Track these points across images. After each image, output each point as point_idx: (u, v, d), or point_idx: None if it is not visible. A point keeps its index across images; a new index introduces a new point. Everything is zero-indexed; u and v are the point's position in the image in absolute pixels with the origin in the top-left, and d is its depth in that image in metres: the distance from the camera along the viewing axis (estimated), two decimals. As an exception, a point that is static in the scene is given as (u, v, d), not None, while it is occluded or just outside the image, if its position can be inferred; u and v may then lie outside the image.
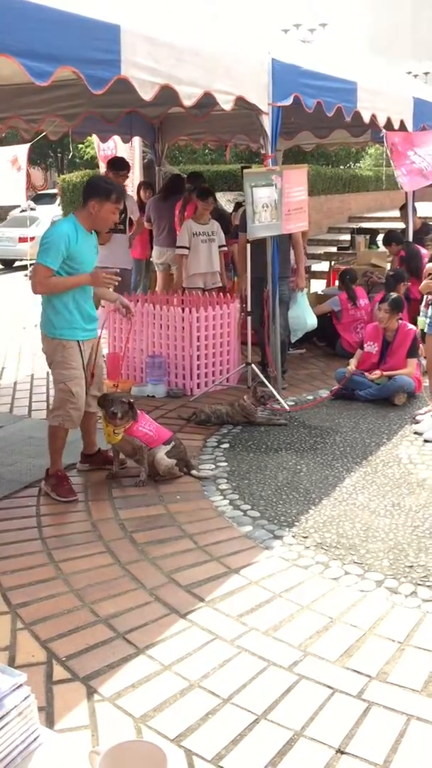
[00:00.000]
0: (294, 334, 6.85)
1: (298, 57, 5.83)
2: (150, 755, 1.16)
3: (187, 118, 7.63)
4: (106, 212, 4.20)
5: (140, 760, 1.16)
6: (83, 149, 18.42)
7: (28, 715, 1.38)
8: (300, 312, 6.67)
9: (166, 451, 4.42)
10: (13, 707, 1.36)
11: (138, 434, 4.38)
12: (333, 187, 19.81)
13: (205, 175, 12.57)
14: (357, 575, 3.37)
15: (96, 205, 4.16)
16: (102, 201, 4.15)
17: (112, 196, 4.16)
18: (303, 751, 2.30)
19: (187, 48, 4.54)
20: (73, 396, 4.19)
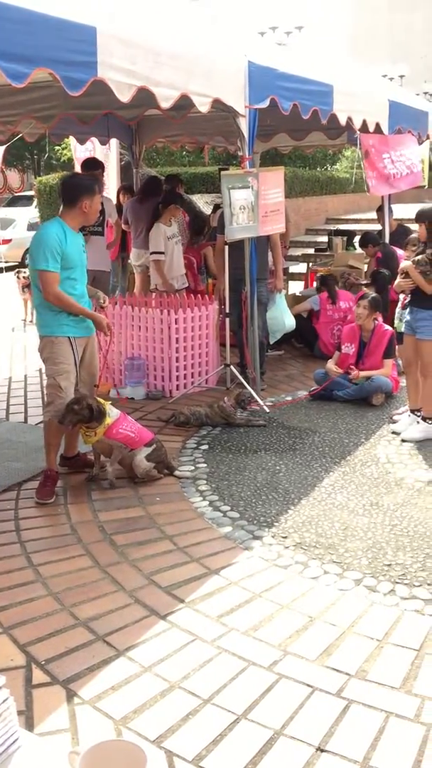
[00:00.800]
0: (272, 335, 6.88)
1: (274, 59, 5.86)
2: (130, 755, 1.17)
3: (165, 120, 7.63)
4: (96, 205, 4.31)
5: (120, 760, 1.17)
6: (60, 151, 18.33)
7: (7, 718, 1.38)
8: (278, 313, 6.70)
9: (146, 454, 4.41)
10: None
11: (118, 437, 4.36)
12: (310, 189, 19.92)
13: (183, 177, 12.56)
14: (336, 574, 3.39)
15: (87, 202, 4.23)
16: (91, 196, 4.25)
17: (95, 187, 4.32)
18: (283, 750, 2.31)
19: (164, 50, 4.55)
20: (62, 390, 4.22)
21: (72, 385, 4.28)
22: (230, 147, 9.30)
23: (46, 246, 4.08)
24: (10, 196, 22.33)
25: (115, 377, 6.55)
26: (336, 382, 6.04)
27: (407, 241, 5.94)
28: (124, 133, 8.60)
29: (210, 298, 6.75)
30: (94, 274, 6.87)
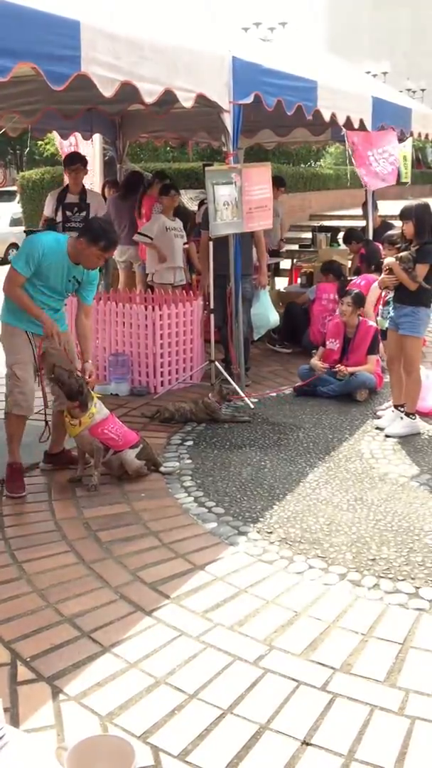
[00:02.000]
0: (256, 331, 6.89)
1: (258, 55, 5.86)
2: (117, 750, 1.17)
3: (148, 116, 7.61)
4: (90, 254, 4.22)
5: (107, 755, 1.17)
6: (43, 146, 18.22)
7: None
8: (263, 309, 6.71)
9: (136, 453, 4.40)
10: (-22, 707, 1.35)
11: (102, 437, 4.33)
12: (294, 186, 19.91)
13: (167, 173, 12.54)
14: (321, 569, 3.41)
15: (83, 243, 4.19)
16: (89, 243, 4.18)
17: (100, 243, 4.18)
18: (269, 744, 2.32)
19: (147, 44, 4.53)
20: (18, 380, 4.23)
21: (30, 377, 4.28)
22: (214, 143, 9.30)
23: (28, 250, 4.12)
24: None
25: (99, 373, 6.52)
26: (320, 378, 6.06)
27: (384, 239, 5.96)
28: (108, 128, 8.56)
29: (194, 294, 6.75)
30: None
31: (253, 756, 2.27)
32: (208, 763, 2.24)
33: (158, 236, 7.02)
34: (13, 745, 1.40)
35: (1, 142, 25.11)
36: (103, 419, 4.36)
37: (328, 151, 24.07)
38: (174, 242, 7.07)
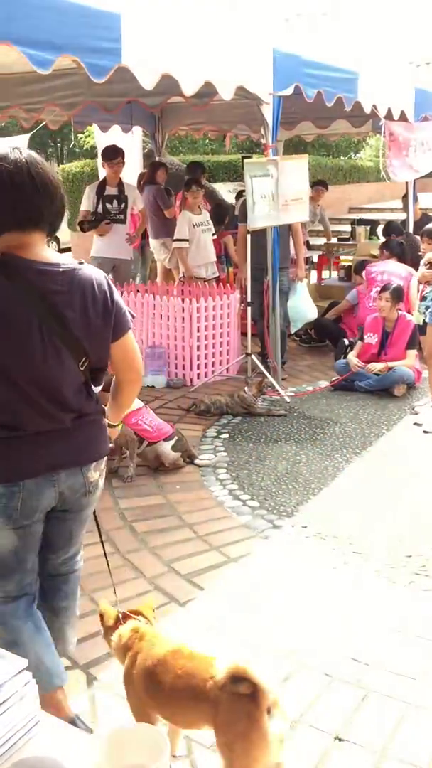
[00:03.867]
0: (293, 324, 6.85)
1: (299, 46, 5.80)
2: (150, 740, 1.18)
3: (188, 108, 7.61)
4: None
5: (141, 744, 1.18)
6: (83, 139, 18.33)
7: (29, 701, 1.40)
8: (300, 303, 6.66)
9: (171, 445, 4.42)
10: (14, 692, 1.37)
11: (135, 427, 4.36)
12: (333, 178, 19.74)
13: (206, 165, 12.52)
14: (355, 564, 3.39)
15: None
16: None
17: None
18: (302, 738, 2.32)
19: (188, 36, 4.52)
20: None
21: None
22: (253, 135, 9.25)
23: None
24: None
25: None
26: (358, 373, 6.01)
27: (424, 232, 5.86)
28: (147, 120, 8.58)
29: (231, 287, 6.74)
30: (115, 262, 6.89)
31: (286, 749, 2.27)
32: (240, 755, 2.24)
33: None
34: (47, 730, 1.42)
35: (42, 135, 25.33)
36: (135, 409, 4.38)
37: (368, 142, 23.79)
38: (202, 237, 7.03)
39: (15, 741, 1.36)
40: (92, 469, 2.25)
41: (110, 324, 2.16)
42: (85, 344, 2.10)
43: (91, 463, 2.24)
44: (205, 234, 7.04)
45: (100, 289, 2.13)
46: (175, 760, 2.19)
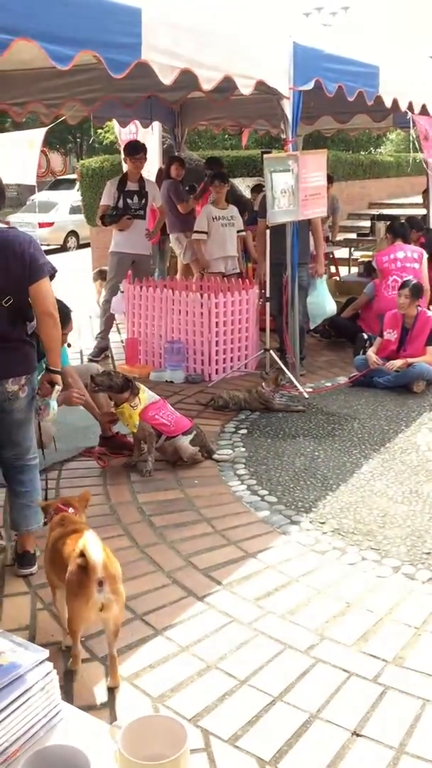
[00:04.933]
0: (313, 320, 6.83)
1: (319, 40, 5.78)
2: (170, 730, 1.19)
3: (207, 103, 7.61)
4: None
5: (160, 735, 1.19)
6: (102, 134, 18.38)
7: (50, 691, 1.41)
8: (319, 298, 6.62)
9: (190, 440, 4.44)
10: (36, 682, 1.39)
11: (152, 421, 4.38)
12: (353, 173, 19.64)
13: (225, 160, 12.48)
14: (374, 561, 3.38)
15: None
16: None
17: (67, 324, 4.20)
18: (319, 733, 2.32)
19: (207, 31, 4.52)
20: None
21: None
22: (273, 130, 9.23)
23: None
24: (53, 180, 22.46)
25: (155, 360, 6.58)
26: (377, 369, 5.98)
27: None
28: (167, 116, 8.59)
29: (250, 283, 6.73)
30: (134, 258, 6.91)
31: (303, 744, 2.28)
32: (258, 749, 2.25)
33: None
34: (68, 721, 1.44)
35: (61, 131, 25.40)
36: (151, 403, 4.40)
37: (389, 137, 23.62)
38: (221, 231, 7.02)
39: (36, 730, 1.38)
40: (10, 382, 3.11)
41: (26, 272, 3.01)
42: (7, 287, 3.00)
43: (9, 378, 3.10)
44: (225, 228, 7.03)
45: (20, 246, 3.01)
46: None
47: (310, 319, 6.77)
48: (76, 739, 1.34)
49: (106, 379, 4.36)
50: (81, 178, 14.59)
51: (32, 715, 1.35)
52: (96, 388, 4.38)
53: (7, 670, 1.37)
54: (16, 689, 1.35)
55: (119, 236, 6.85)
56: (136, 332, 6.77)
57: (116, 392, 4.36)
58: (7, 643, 1.45)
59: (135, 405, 4.35)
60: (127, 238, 6.81)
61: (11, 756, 1.33)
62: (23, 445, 3.29)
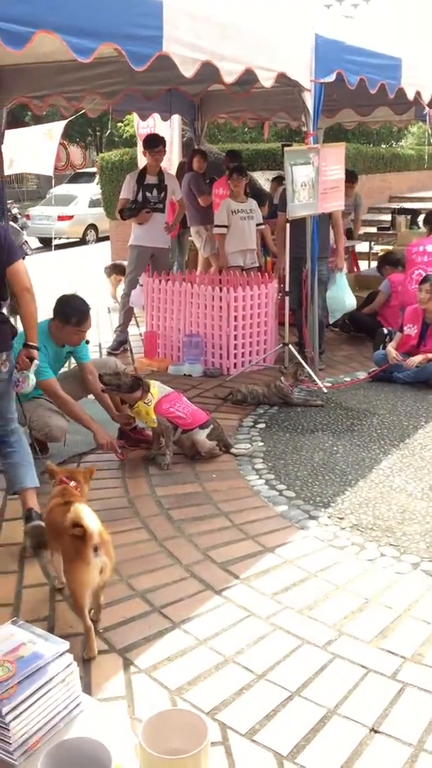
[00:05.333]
0: (332, 314, 6.79)
1: (341, 32, 5.73)
2: (190, 725, 1.19)
3: (228, 96, 7.57)
4: (68, 332, 4.31)
5: (181, 729, 1.19)
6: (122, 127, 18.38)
7: (71, 682, 1.42)
8: (339, 292, 6.59)
9: (207, 434, 4.43)
10: (56, 674, 1.39)
11: (168, 414, 4.37)
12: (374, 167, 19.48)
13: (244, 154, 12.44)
14: (393, 557, 3.36)
15: (58, 325, 4.29)
16: (63, 323, 4.28)
17: (72, 319, 4.27)
18: (337, 729, 2.32)
19: (229, 24, 4.50)
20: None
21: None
22: (293, 122, 9.18)
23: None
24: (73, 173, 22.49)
25: (174, 354, 6.59)
26: (396, 364, 5.94)
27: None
28: (187, 108, 8.57)
29: (269, 277, 6.71)
30: (153, 251, 6.91)
31: (320, 739, 2.27)
32: (275, 743, 2.25)
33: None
34: (88, 712, 1.44)
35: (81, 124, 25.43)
36: (164, 395, 4.39)
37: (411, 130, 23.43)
38: (240, 225, 6.99)
39: (57, 722, 1.38)
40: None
41: (4, 255, 3.32)
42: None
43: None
44: (244, 221, 7.00)
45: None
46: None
47: (330, 314, 6.74)
48: (96, 731, 1.34)
49: (114, 378, 4.34)
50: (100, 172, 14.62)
51: (53, 707, 1.36)
52: (105, 389, 4.38)
53: (28, 662, 1.38)
54: (37, 680, 1.35)
55: (138, 230, 6.85)
56: (154, 326, 6.77)
57: (126, 392, 4.34)
58: (28, 634, 1.46)
59: (149, 401, 4.33)
60: (146, 231, 6.81)
61: (32, 747, 1.34)
62: (6, 416, 3.55)
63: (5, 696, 1.32)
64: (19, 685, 1.34)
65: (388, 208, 13.26)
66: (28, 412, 4.30)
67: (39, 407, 4.32)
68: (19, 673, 1.35)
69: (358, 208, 8.97)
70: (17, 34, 3.30)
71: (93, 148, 30.37)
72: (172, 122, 9.31)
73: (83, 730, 1.36)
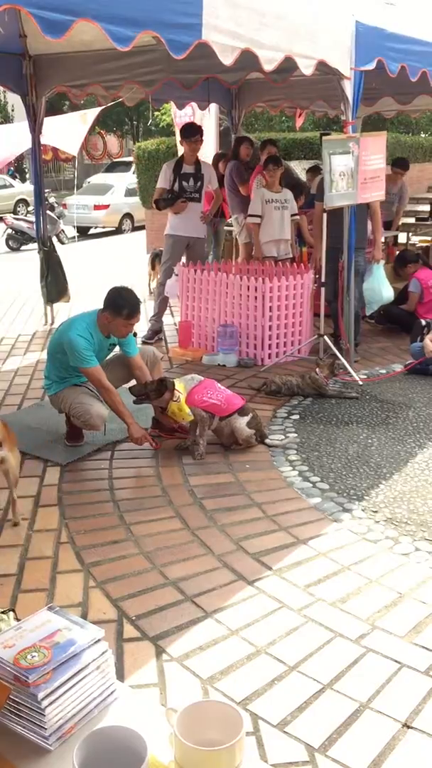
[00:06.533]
0: (368, 306, 6.73)
1: (382, 19, 5.64)
2: (226, 716, 1.18)
3: (265, 84, 7.53)
4: (117, 325, 4.28)
5: (216, 721, 1.19)
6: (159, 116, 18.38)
7: (105, 669, 1.43)
8: (375, 284, 6.51)
9: (247, 422, 4.42)
10: (92, 661, 1.40)
11: (201, 404, 4.36)
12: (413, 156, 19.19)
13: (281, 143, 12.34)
14: (428, 552, 3.33)
15: (108, 317, 4.27)
16: (114, 315, 4.25)
17: (123, 312, 4.23)
18: (369, 723, 2.30)
19: (269, 11, 4.45)
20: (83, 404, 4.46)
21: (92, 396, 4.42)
22: (331, 111, 9.09)
23: (78, 346, 4.17)
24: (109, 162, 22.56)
25: (208, 344, 6.59)
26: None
27: None
28: (224, 97, 8.53)
29: (305, 267, 6.66)
30: (189, 241, 6.90)
31: (352, 733, 2.26)
32: (307, 735, 2.25)
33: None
34: (122, 700, 1.45)
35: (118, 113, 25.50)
36: (194, 386, 4.38)
37: (451, 119, 22.99)
38: (274, 215, 6.94)
39: (91, 708, 1.39)
40: None
41: None
42: None
43: None
44: (278, 211, 6.94)
45: None
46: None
47: (366, 305, 6.67)
48: (130, 720, 1.35)
49: (142, 389, 4.36)
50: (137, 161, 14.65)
51: (87, 693, 1.37)
52: (137, 401, 4.38)
53: (64, 648, 1.39)
54: (72, 667, 1.36)
55: (174, 219, 6.85)
56: (189, 315, 6.77)
57: (157, 398, 4.35)
58: (64, 621, 1.47)
59: (177, 398, 4.32)
60: (182, 221, 6.80)
61: (67, 733, 1.35)
62: None
63: (41, 681, 1.33)
64: (55, 671, 1.35)
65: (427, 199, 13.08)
66: (67, 399, 4.35)
67: (81, 394, 4.36)
68: (55, 659, 1.36)
69: (403, 198, 8.86)
70: (57, 23, 3.31)
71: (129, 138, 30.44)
72: (209, 111, 9.27)
73: (118, 718, 1.37)
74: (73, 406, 4.32)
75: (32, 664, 1.36)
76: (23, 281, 10.31)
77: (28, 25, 6.09)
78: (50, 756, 1.32)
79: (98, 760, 1.19)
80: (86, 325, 4.27)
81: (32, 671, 1.34)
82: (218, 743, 1.13)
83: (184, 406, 4.30)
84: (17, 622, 1.52)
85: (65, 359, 4.29)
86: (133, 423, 4.32)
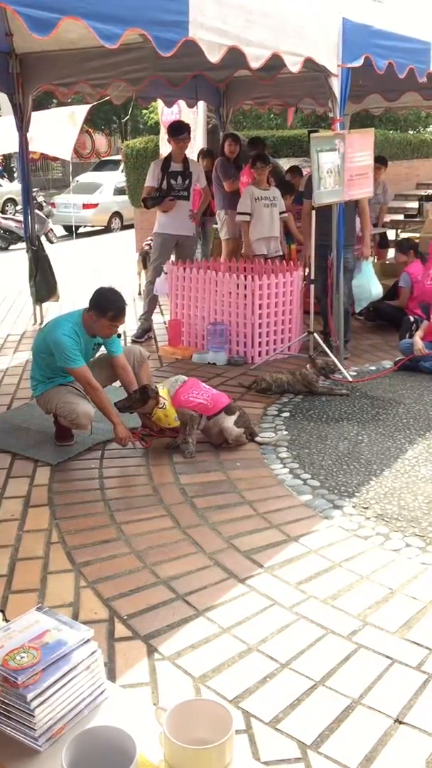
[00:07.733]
0: (358, 303, 6.73)
1: (369, 16, 5.64)
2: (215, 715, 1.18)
3: (253, 82, 7.52)
4: (102, 325, 4.27)
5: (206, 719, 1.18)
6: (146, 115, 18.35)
7: (95, 669, 1.42)
8: (364, 281, 6.52)
9: (234, 421, 4.42)
10: (81, 661, 1.40)
11: (188, 404, 4.36)
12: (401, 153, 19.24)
13: (270, 140, 12.33)
14: (418, 548, 3.33)
15: (93, 317, 4.25)
16: (99, 316, 4.23)
17: (108, 313, 4.22)
18: (361, 719, 2.31)
19: (255, 8, 4.45)
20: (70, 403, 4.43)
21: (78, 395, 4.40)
22: (319, 108, 9.09)
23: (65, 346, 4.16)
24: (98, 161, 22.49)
25: (198, 342, 6.58)
26: (423, 353, 5.87)
27: None
28: (212, 95, 8.52)
29: (294, 265, 6.66)
30: (178, 239, 6.89)
31: (345, 729, 2.27)
32: (299, 732, 2.25)
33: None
34: (112, 700, 1.44)
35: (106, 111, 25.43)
36: (178, 387, 4.37)
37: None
38: (263, 212, 6.93)
39: (81, 709, 1.39)
40: None
41: None
42: None
43: None
44: (267, 209, 6.94)
45: None
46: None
47: (356, 302, 6.67)
48: (120, 719, 1.34)
49: (127, 401, 4.33)
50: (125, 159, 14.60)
51: (77, 694, 1.36)
52: (123, 411, 4.35)
53: (53, 648, 1.38)
54: (61, 667, 1.36)
55: (163, 217, 6.83)
56: (179, 314, 6.76)
57: (141, 406, 4.32)
58: (53, 621, 1.46)
59: (162, 404, 4.30)
60: (171, 219, 6.79)
61: (57, 733, 1.34)
62: None
63: (30, 682, 1.32)
64: (44, 671, 1.34)
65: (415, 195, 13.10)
66: (54, 399, 4.33)
67: (68, 393, 4.34)
68: (44, 659, 1.35)
69: (386, 194, 8.87)
70: (43, 21, 3.29)
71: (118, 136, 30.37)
72: (197, 109, 9.26)
73: (108, 718, 1.36)
74: (59, 405, 4.31)
75: (21, 665, 1.35)
76: (12, 281, 10.26)
77: (14, 23, 6.06)
78: (40, 757, 1.31)
79: (87, 761, 1.18)
80: (72, 325, 4.26)
81: (21, 672, 1.34)
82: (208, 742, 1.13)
83: (170, 411, 4.29)
84: (6, 623, 1.51)
85: (51, 360, 4.27)
86: (119, 423, 4.30)
